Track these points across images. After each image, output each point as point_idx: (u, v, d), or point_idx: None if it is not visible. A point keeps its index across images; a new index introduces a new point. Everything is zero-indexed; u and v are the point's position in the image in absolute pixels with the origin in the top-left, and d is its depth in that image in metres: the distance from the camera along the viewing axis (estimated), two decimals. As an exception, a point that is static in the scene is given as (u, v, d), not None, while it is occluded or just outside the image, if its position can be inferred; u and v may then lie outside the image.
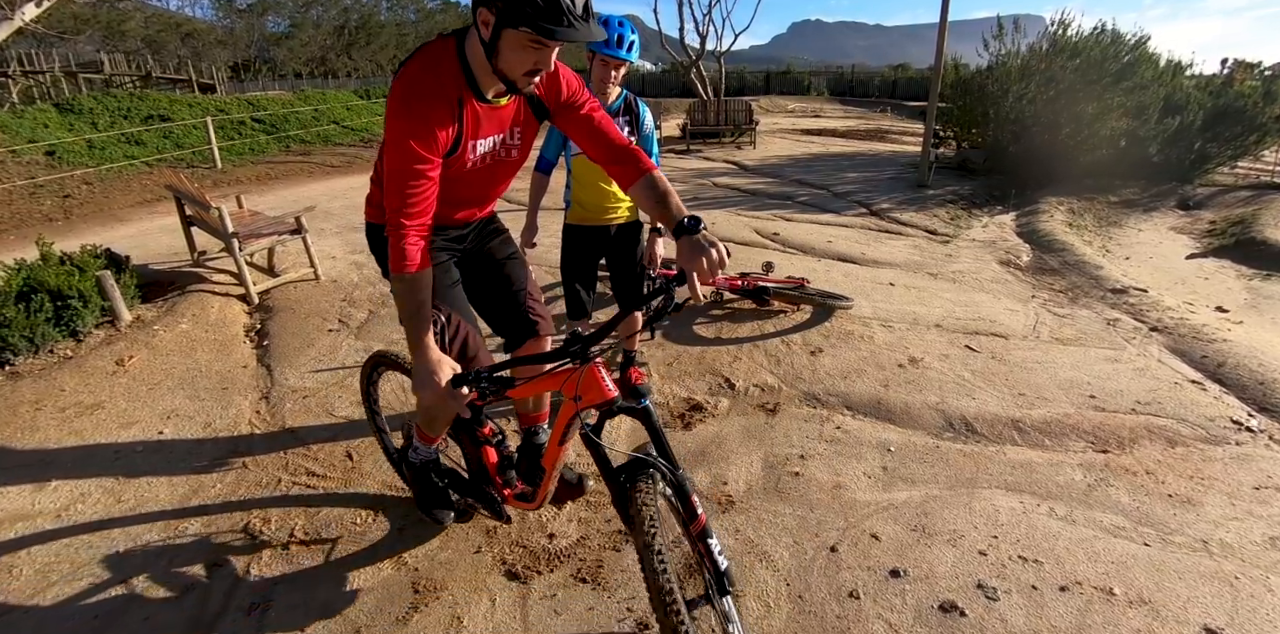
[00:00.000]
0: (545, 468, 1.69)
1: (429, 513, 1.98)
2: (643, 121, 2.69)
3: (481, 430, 1.84)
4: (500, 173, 1.69)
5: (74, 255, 3.85)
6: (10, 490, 2.38)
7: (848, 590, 1.83)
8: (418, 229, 1.42)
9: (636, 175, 1.51)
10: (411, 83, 1.39)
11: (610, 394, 1.43)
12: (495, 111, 1.52)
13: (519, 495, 1.84)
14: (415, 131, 1.37)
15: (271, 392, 3.12)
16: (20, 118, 10.87)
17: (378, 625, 1.73)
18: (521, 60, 1.33)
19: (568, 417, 1.52)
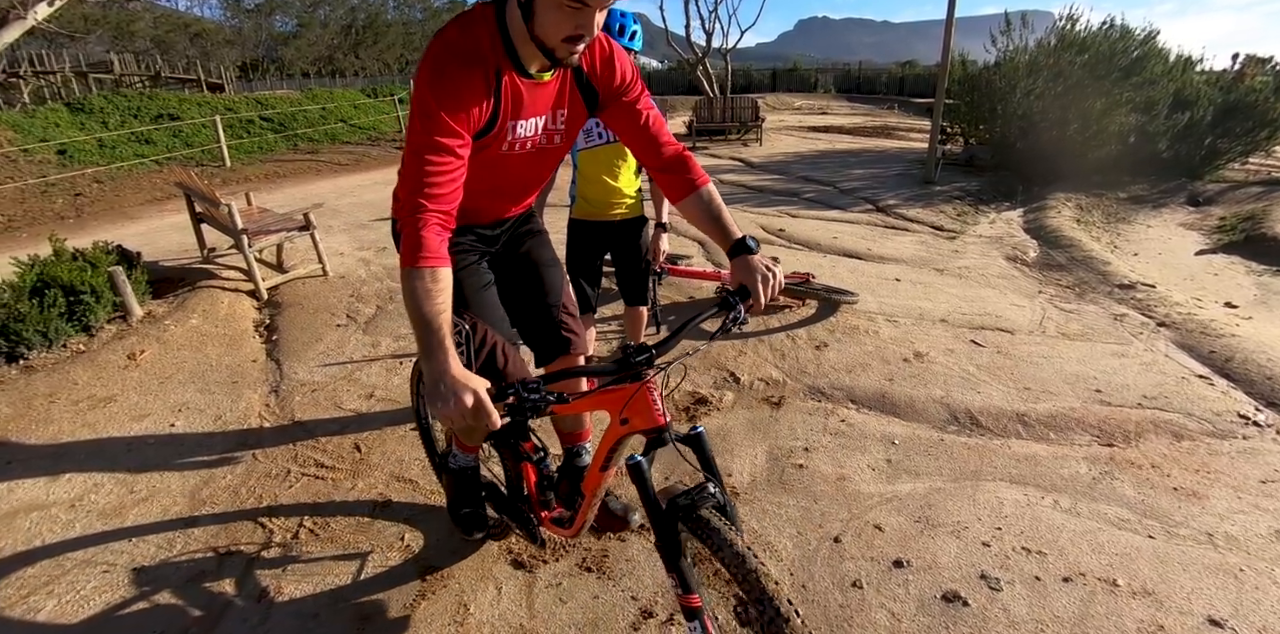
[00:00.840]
0: (584, 494, 1.53)
1: (460, 521, 1.84)
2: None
3: (523, 446, 1.71)
4: (540, 163, 1.52)
5: (86, 252, 3.90)
6: (25, 481, 2.42)
7: (851, 581, 1.84)
8: (440, 216, 1.21)
9: (688, 189, 1.41)
10: (446, 47, 1.23)
11: (661, 420, 1.25)
12: (537, 88, 1.34)
13: (556, 520, 1.71)
14: (445, 101, 1.20)
15: (281, 385, 3.16)
16: (32, 117, 10.99)
17: (386, 613, 1.76)
18: (559, 23, 1.17)
19: (612, 441, 1.36)
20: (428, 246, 1.17)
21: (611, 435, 1.35)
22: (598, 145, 2.60)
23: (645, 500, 1.24)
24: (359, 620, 1.73)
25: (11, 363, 3.24)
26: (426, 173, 1.20)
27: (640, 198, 2.82)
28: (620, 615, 1.71)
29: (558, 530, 1.68)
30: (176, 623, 1.77)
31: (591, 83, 1.40)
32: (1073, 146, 8.70)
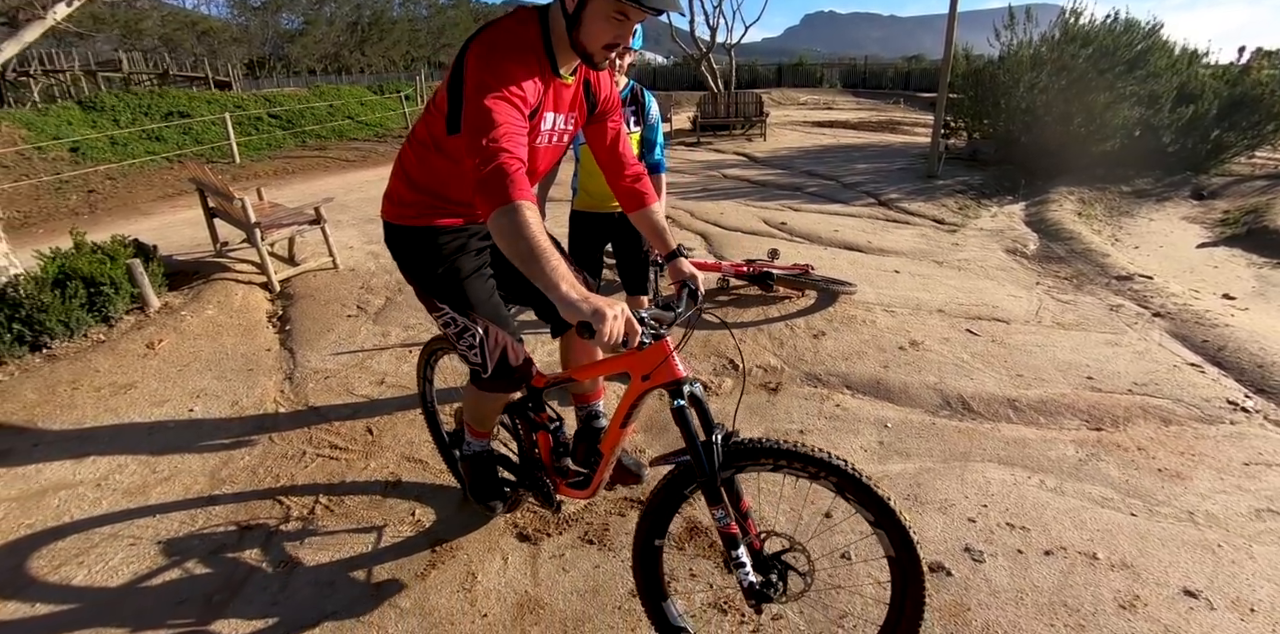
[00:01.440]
0: (603, 453, 1.63)
1: (481, 501, 1.95)
2: (648, 111, 2.76)
3: (540, 415, 1.82)
4: (549, 156, 1.64)
5: (105, 245, 4.02)
6: (52, 462, 2.54)
7: (840, 553, 1.93)
8: (516, 156, 1.23)
9: (639, 205, 1.69)
10: (504, 32, 1.35)
11: (680, 373, 1.39)
12: (565, 88, 1.49)
13: (572, 483, 1.79)
14: (511, 71, 1.30)
15: (294, 373, 3.26)
16: (45, 115, 11.15)
17: (398, 580, 1.86)
18: (603, 32, 1.32)
19: (634, 397, 1.48)
20: (520, 185, 1.19)
21: (633, 392, 1.48)
22: None
23: (688, 440, 1.38)
24: (373, 588, 1.84)
25: (35, 351, 3.36)
26: (499, 122, 1.23)
27: None
28: (619, 583, 1.80)
29: (574, 493, 1.77)
30: (200, 590, 1.87)
31: (594, 94, 1.58)
32: (1076, 141, 8.71)
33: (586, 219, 2.84)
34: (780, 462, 1.36)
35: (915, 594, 1.32)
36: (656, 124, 2.80)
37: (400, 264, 1.71)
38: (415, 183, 1.61)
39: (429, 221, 1.64)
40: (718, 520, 1.36)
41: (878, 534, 1.35)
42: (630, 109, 2.69)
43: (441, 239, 1.65)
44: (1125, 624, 1.72)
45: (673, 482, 1.45)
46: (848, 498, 1.36)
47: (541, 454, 1.84)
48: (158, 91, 13.67)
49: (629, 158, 1.70)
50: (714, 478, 1.35)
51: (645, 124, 2.76)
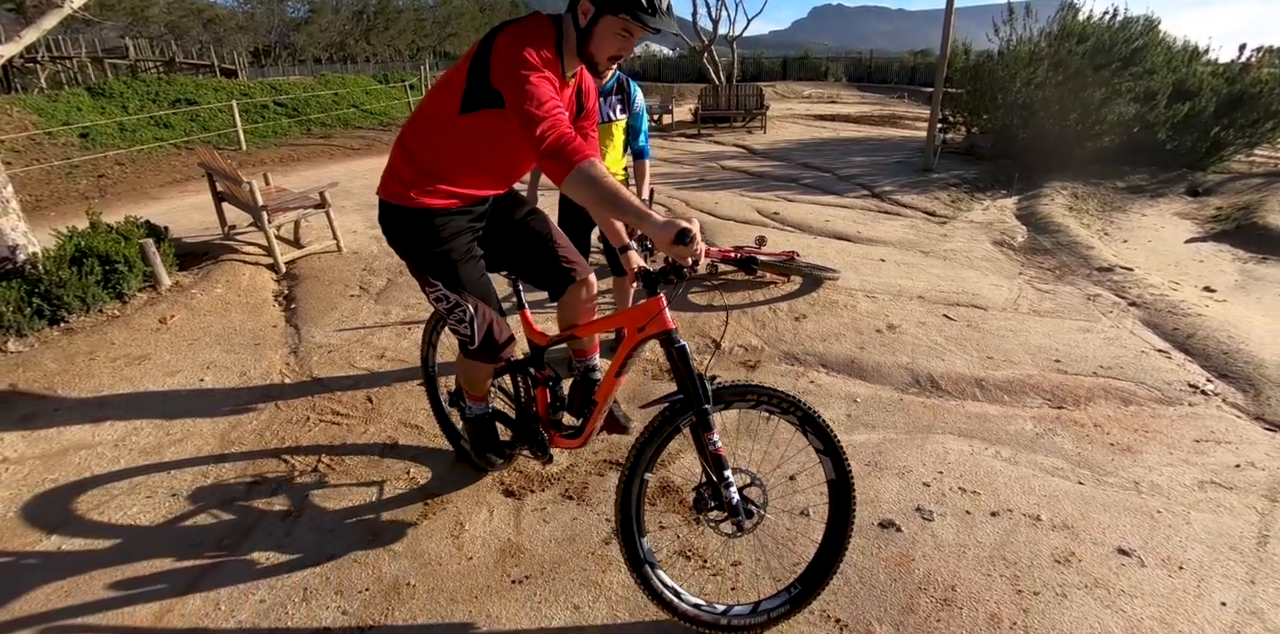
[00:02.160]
0: (598, 401, 1.78)
1: (483, 457, 2.10)
2: (634, 100, 2.89)
3: (540, 373, 1.96)
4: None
5: (118, 225, 4.18)
6: (72, 425, 2.71)
7: (800, 510, 2.09)
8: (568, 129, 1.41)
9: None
10: (534, 30, 1.52)
11: (670, 325, 1.57)
12: (566, 87, 1.67)
13: (567, 434, 1.93)
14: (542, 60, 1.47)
15: (299, 347, 3.43)
16: (55, 101, 11.30)
17: (392, 528, 2.03)
18: (610, 45, 1.54)
19: (629, 348, 1.65)
20: (581, 148, 1.38)
21: (629, 343, 1.65)
22: None
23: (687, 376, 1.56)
24: (369, 534, 2.00)
25: (54, 325, 3.53)
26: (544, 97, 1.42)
27: (626, 176, 3.00)
28: (594, 533, 1.97)
29: (568, 443, 1.93)
30: (211, 536, 2.04)
31: (584, 96, 1.76)
32: (1072, 136, 8.78)
33: (572, 201, 2.98)
34: (761, 398, 1.60)
35: (846, 511, 1.61)
36: (642, 113, 2.93)
37: (395, 243, 1.80)
38: (417, 161, 1.70)
39: (427, 203, 1.71)
40: (711, 444, 1.56)
41: (823, 461, 1.61)
42: (616, 97, 2.82)
43: (438, 221, 1.73)
44: (1058, 576, 1.87)
45: (667, 416, 1.60)
46: (805, 431, 1.62)
47: (539, 409, 1.99)
48: (165, 79, 13.80)
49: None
50: (708, 408, 1.55)
51: (631, 112, 2.89)
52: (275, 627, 1.68)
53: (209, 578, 1.87)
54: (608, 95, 2.79)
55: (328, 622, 1.68)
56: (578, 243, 3.02)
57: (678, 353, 1.56)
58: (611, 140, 2.86)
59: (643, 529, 1.67)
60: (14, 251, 3.68)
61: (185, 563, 1.93)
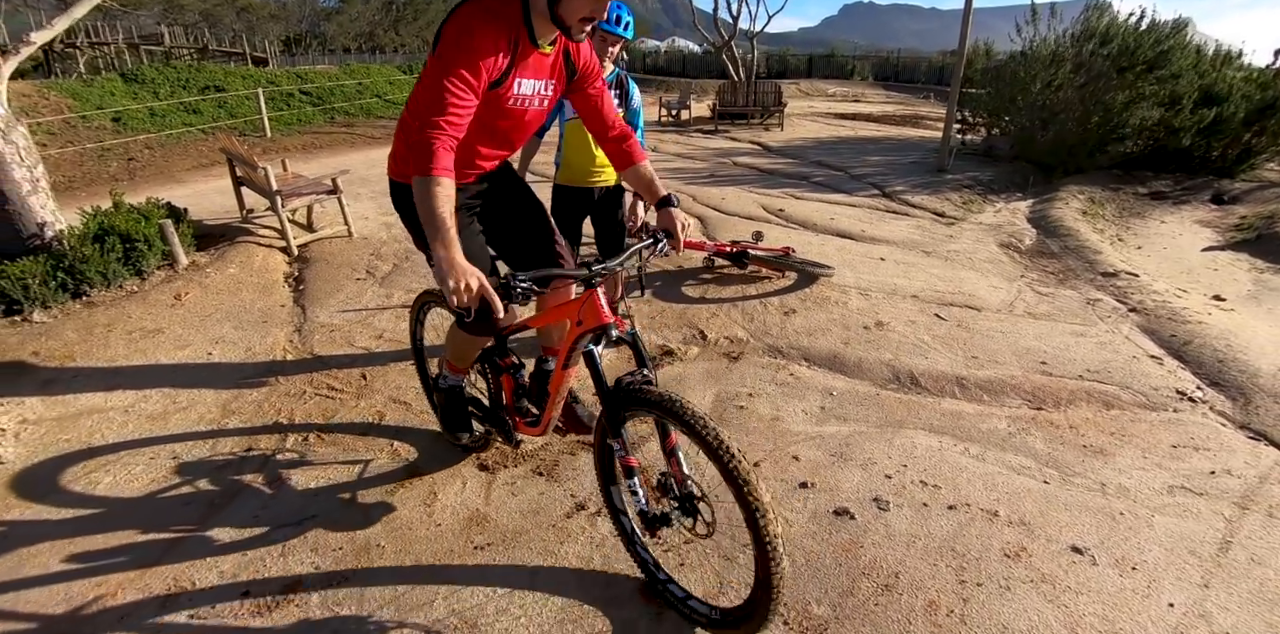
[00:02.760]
0: (550, 392, 1.82)
1: (450, 431, 2.19)
2: (631, 96, 2.96)
3: (504, 360, 2.05)
4: (529, 119, 1.79)
5: (140, 206, 4.37)
6: (86, 392, 2.88)
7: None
8: (450, 136, 1.44)
9: (628, 163, 1.82)
10: (480, 9, 1.51)
11: (606, 319, 1.56)
12: (541, 58, 1.65)
13: (529, 422, 2.00)
14: (471, 52, 1.46)
15: (304, 326, 3.58)
16: (90, 86, 11.66)
17: (372, 494, 2.15)
18: (581, 7, 1.50)
19: (571, 340, 1.65)
20: (440, 160, 1.41)
21: (570, 336, 1.67)
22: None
23: (595, 380, 1.57)
24: (350, 498, 2.13)
25: (76, 298, 3.72)
26: (445, 100, 1.43)
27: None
28: (559, 507, 2.07)
29: (529, 431, 2.01)
30: (204, 497, 2.19)
31: (574, 63, 1.74)
32: (1093, 140, 8.65)
33: (567, 193, 3.02)
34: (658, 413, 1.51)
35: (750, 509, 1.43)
36: (639, 109, 3.01)
37: (402, 219, 1.88)
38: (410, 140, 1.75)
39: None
40: (616, 452, 1.58)
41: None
42: (615, 93, 2.86)
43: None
44: (1004, 569, 1.92)
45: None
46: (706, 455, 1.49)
47: (506, 396, 2.09)
48: (196, 66, 14.16)
49: (613, 119, 1.83)
50: (613, 414, 1.57)
51: (629, 109, 2.95)
52: (253, 577, 1.81)
53: (199, 533, 2.01)
54: (607, 88, 2.87)
55: (301, 574, 1.82)
56: (569, 233, 3.10)
57: (587, 357, 1.58)
58: None
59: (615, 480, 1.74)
60: (42, 228, 3.88)
61: (179, 519, 2.07)
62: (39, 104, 10.53)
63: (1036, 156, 9.08)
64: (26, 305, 3.51)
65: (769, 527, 1.40)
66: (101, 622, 1.70)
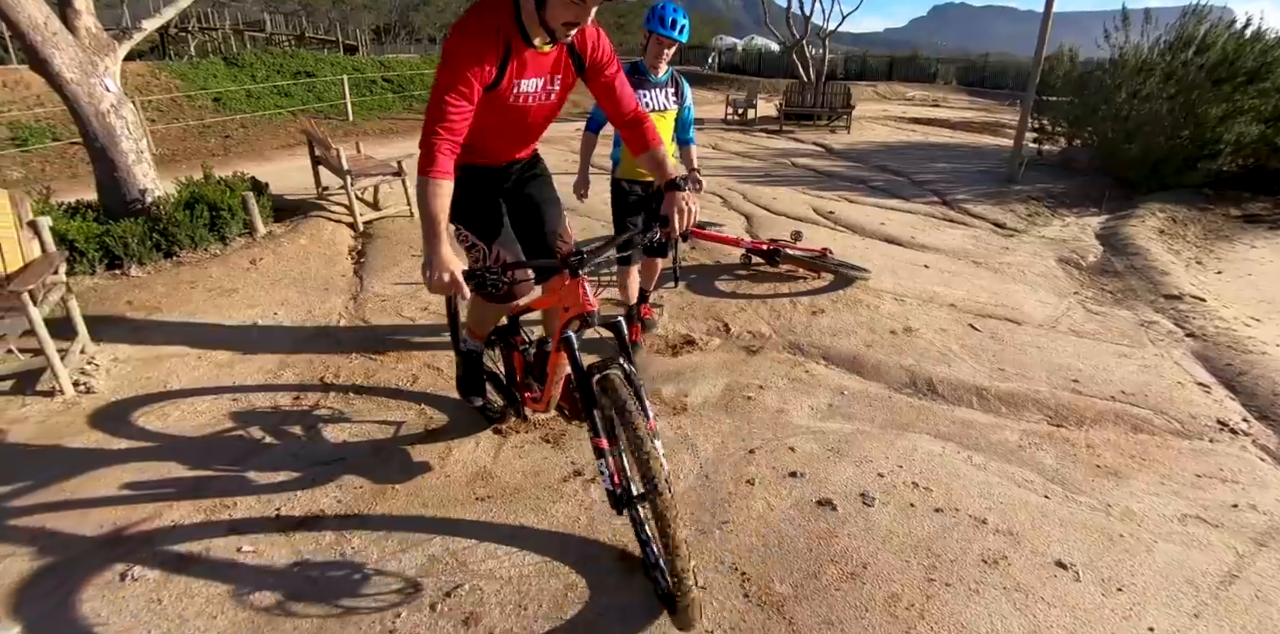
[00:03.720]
0: (548, 372, 1.95)
1: (463, 394, 2.36)
2: (684, 95, 3.08)
3: (515, 338, 2.21)
4: (539, 113, 1.93)
5: (228, 179, 4.81)
6: (167, 339, 3.26)
7: (747, 479, 2.25)
8: (450, 143, 1.63)
9: (643, 149, 1.90)
10: (471, 19, 1.66)
11: (590, 306, 1.63)
12: (539, 57, 1.76)
13: (533, 397, 2.16)
14: (465, 59, 1.61)
15: (360, 295, 3.91)
16: (196, 68, 12.67)
17: (395, 444, 2.41)
18: (564, 13, 1.59)
19: (561, 324, 1.74)
20: (439, 164, 1.62)
21: (561, 320, 1.77)
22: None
23: (572, 364, 1.65)
24: (374, 448, 2.38)
25: (167, 258, 4.17)
26: (446, 110, 1.62)
27: (677, 161, 3.06)
28: (558, 471, 2.23)
29: (535, 406, 2.17)
30: (253, 435, 2.48)
31: (580, 55, 1.84)
32: (1182, 155, 8.14)
33: (625, 187, 3.10)
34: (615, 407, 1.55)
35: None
36: (691, 107, 3.13)
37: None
38: None
39: (462, 162, 1.92)
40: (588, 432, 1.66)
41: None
42: (671, 90, 3.01)
43: (467, 175, 1.97)
44: (979, 574, 1.91)
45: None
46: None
47: (517, 373, 2.27)
48: (291, 52, 15.12)
49: (629, 104, 1.91)
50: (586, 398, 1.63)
51: (682, 106, 3.07)
52: (282, 505, 2.09)
53: (245, 463, 2.30)
54: (662, 87, 2.99)
55: (324, 506, 2.07)
56: (627, 227, 3.10)
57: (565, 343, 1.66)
58: (660, 127, 2.90)
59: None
60: (143, 194, 4.35)
61: (230, 451, 2.37)
62: (151, 83, 11.53)
63: (1118, 170, 8.60)
64: (126, 261, 3.96)
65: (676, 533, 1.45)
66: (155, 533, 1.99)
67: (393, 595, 1.74)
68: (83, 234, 3.82)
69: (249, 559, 1.87)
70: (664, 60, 2.87)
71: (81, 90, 4.03)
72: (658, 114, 2.95)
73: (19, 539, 1.96)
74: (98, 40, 4.21)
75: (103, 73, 4.15)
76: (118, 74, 4.30)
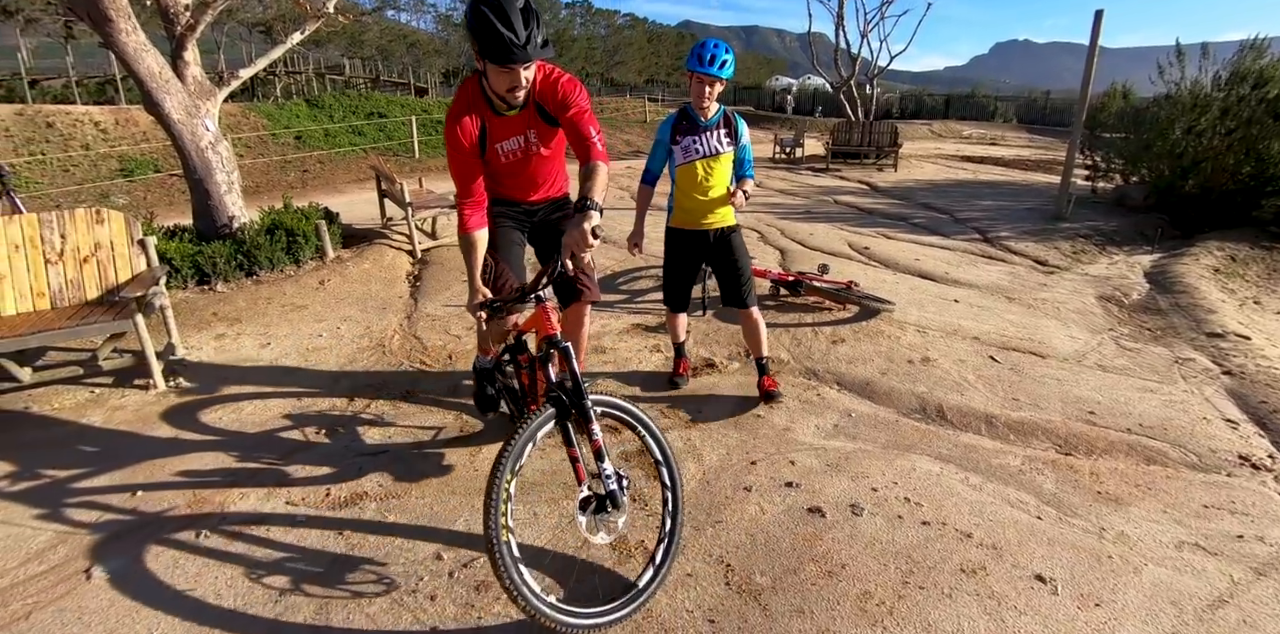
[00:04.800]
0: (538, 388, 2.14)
1: (478, 407, 2.77)
2: (740, 134, 2.93)
3: (521, 357, 2.45)
4: (535, 163, 2.31)
5: (304, 208, 5.39)
6: (247, 345, 3.73)
7: (744, 486, 2.42)
8: (472, 204, 2.11)
9: (585, 161, 2.03)
10: (454, 106, 2.10)
11: (552, 330, 1.89)
12: (508, 121, 2.13)
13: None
14: (457, 139, 2.06)
15: (413, 314, 4.31)
16: (281, 109, 13.98)
17: (432, 443, 2.72)
18: (499, 81, 1.89)
19: (537, 345, 1.98)
20: (468, 221, 2.12)
21: (536, 342, 2.02)
22: (697, 159, 2.86)
23: (546, 378, 1.84)
24: (415, 445, 2.69)
25: (248, 277, 4.71)
26: (458, 183, 2.10)
27: (732, 208, 2.98)
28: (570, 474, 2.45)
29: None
30: (313, 429, 2.84)
31: (544, 107, 2.13)
32: (1243, 192, 7.91)
33: (681, 235, 3.02)
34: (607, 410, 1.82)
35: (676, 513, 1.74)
36: (748, 145, 2.99)
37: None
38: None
39: (493, 195, 2.40)
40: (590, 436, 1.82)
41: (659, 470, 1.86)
42: (724, 132, 2.88)
43: (495, 205, 2.40)
44: (954, 581, 1.99)
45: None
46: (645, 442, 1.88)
47: (523, 385, 2.48)
48: (366, 94, 16.48)
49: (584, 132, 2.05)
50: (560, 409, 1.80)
51: (738, 145, 2.93)
52: (332, 486, 2.42)
53: (303, 452, 2.65)
54: (713, 129, 2.86)
55: (367, 489, 2.39)
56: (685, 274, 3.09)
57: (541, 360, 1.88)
58: (717, 173, 2.90)
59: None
60: (231, 220, 4.93)
61: (292, 440, 2.74)
62: (241, 122, 12.80)
63: (1174, 208, 8.40)
64: (213, 278, 4.50)
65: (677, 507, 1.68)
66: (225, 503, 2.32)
67: (419, 564, 2.01)
68: (179, 253, 4.39)
69: (301, 527, 2.20)
70: (708, 99, 2.77)
71: (186, 129, 4.67)
72: (709, 159, 2.86)
73: (115, 501, 2.35)
74: (202, 87, 4.88)
75: (204, 114, 4.80)
76: (216, 115, 4.95)
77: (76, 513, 2.29)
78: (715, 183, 2.90)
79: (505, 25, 1.74)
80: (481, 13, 1.74)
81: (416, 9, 36.12)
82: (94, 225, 3.34)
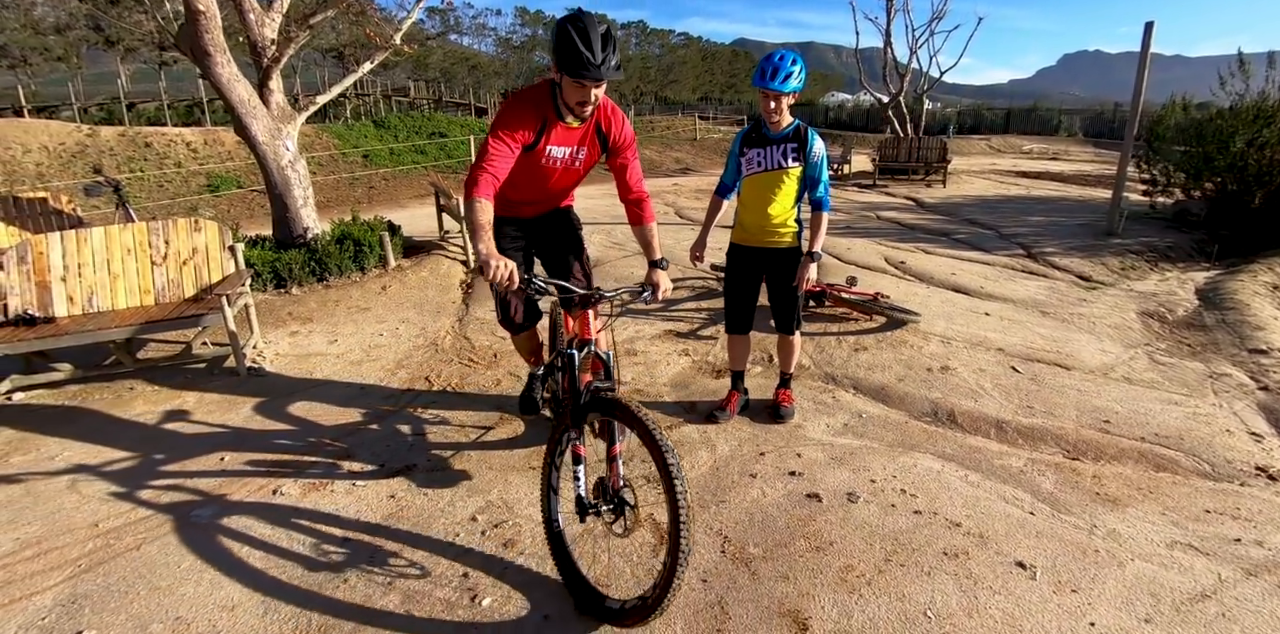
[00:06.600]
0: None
1: (520, 407, 3.08)
2: (810, 149, 2.77)
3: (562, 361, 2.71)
4: (566, 176, 2.40)
5: (369, 221, 5.92)
6: (318, 341, 4.19)
7: (750, 473, 2.64)
8: (490, 176, 2.01)
9: (638, 222, 2.35)
10: (524, 92, 2.19)
11: (589, 335, 1.98)
12: (569, 131, 2.23)
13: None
14: (513, 118, 2.08)
15: (465, 317, 4.73)
16: (350, 129, 15.04)
17: (476, 429, 3.05)
18: (574, 94, 2.05)
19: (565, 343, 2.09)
20: (480, 188, 2.00)
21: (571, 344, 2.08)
22: (758, 173, 2.82)
23: (570, 380, 1.96)
24: (460, 426, 3.05)
25: (319, 282, 5.25)
26: (490, 154, 2.04)
27: (798, 229, 2.90)
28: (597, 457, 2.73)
29: None
30: (373, 413, 3.23)
31: (605, 135, 2.33)
32: (1311, 208, 7.60)
33: (742, 251, 2.97)
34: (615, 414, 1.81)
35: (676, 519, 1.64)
36: (820, 162, 2.80)
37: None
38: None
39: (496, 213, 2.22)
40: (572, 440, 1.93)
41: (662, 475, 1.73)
42: (792, 146, 2.77)
43: (498, 224, 2.44)
44: (934, 561, 2.13)
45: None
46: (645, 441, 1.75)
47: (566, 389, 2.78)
48: (429, 115, 17.50)
49: (633, 185, 2.35)
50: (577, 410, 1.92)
51: (807, 162, 2.78)
52: (387, 459, 2.78)
53: (363, 432, 3.04)
54: (780, 143, 2.78)
55: (415, 462, 2.76)
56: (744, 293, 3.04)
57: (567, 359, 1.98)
58: (780, 189, 2.80)
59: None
60: (305, 231, 5.50)
61: (354, 424, 3.13)
62: (314, 142, 13.84)
63: (1239, 223, 8.10)
64: (289, 282, 5.04)
65: (687, 525, 1.62)
66: (296, 467, 2.71)
67: (457, 524, 2.34)
68: (260, 260, 4.94)
69: (359, 491, 2.57)
70: (776, 113, 2.68)
71: (270, 150, 5.25)
72: (771, 172, 2.78)
73: (207, 465, 2.80)
74: (284, 111, 5.48)
75: (285, 136, 5.38)
76: (295, 137, 5.54)
77: (176, 471, 2.74)
78: (778, 198, 2.79)
79: (586, 45, 1.91)
80: (566, 31, 1.92)
81: (478, 33, 37.98)
82: (193, 233, 3.88)
